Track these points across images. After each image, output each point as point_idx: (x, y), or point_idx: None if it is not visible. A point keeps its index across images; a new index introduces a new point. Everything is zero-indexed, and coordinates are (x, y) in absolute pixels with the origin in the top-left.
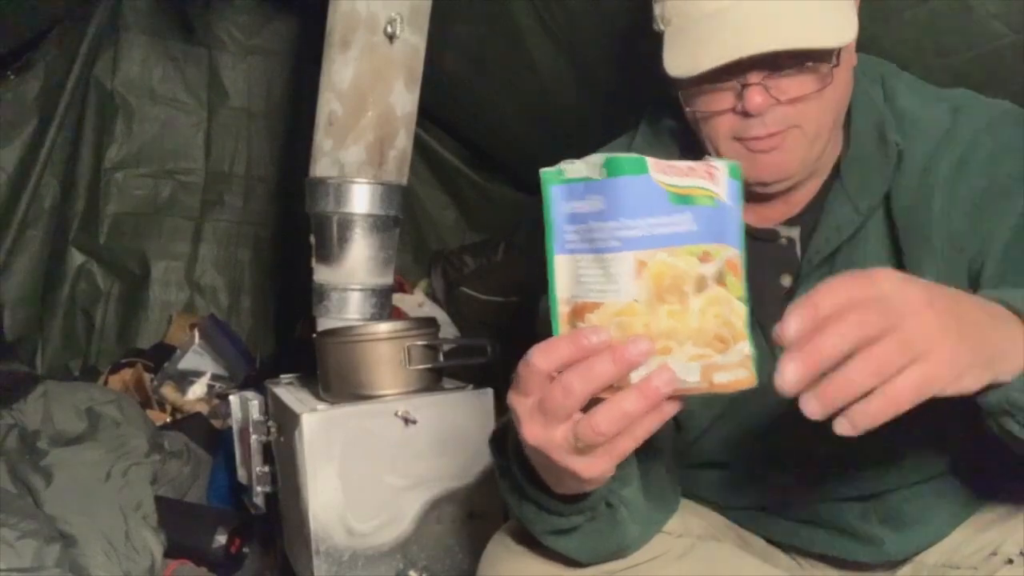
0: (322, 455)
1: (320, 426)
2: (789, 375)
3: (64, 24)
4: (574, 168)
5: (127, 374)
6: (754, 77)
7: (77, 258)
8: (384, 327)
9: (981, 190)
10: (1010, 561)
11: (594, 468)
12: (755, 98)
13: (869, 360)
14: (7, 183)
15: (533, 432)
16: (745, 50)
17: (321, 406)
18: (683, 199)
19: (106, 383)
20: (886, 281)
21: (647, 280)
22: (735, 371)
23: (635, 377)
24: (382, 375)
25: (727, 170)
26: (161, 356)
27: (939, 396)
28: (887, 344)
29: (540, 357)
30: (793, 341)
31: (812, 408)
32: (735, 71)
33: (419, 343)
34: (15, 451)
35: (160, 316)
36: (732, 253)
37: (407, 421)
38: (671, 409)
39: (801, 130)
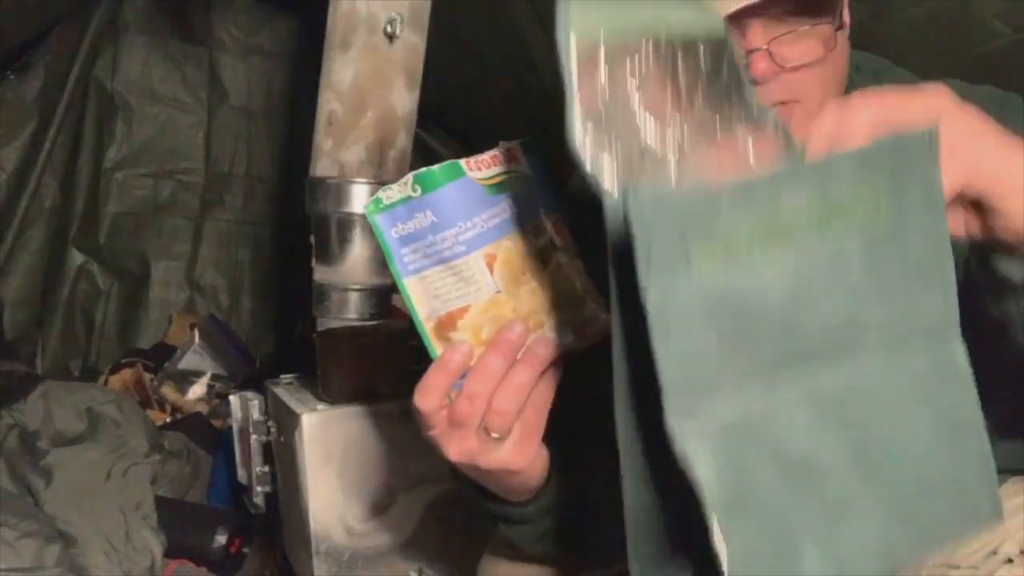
0: (322, 455)
1: (320, 426)
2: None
3: (64, 24)
4: (389, 193)
5: (127, 374)
6: (757, 38)
7: (77, 258)
8: (384, 327)
9: None
10: (1010, 560)
11: (521, 454)
12: (759, 64)
13: None
14: (7, 183)
15: (455, 450)
16: None
17: (321, 406)
18: (497, 188)
19: (106, 383)
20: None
21: (501, 270)
22: (598, 319)
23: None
24: (382, 375)
25: (521, 147)
26: (161, 356)
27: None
28: None
29: (423, 401)
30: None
31: None
32: (739, 33)
33: (419, 343)
34: (15, 451)
35: (160, 316)
36: (554, 217)
37: (407, 419)
38: (558, 372)
39: (804, 107)
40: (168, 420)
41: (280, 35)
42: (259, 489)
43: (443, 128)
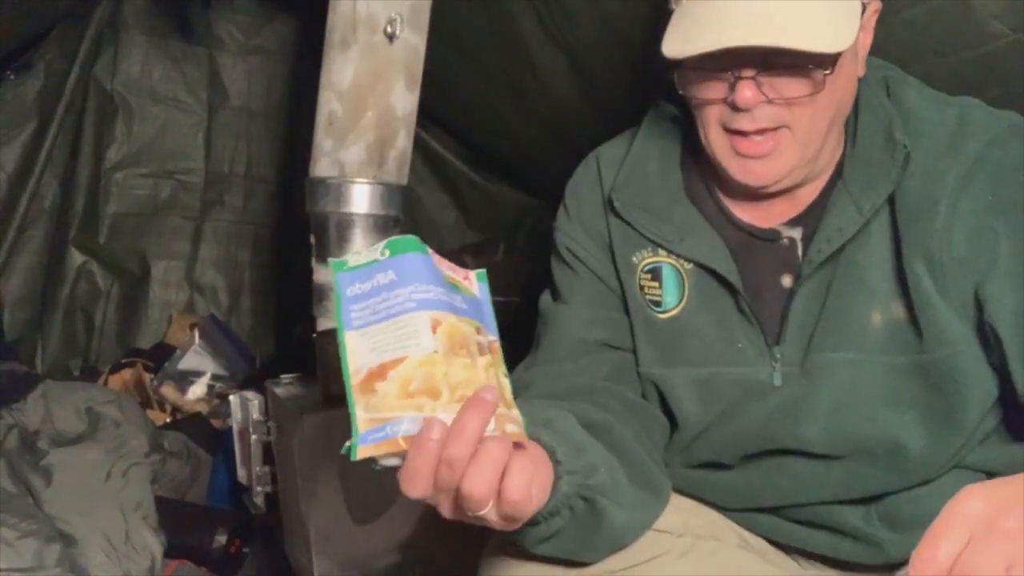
0: (322, 455)
1: (320, 426)
2: None
3: (64, 24)
4: (358, 257)
5: (127, 374)
6: (747, 71)
7: (77, 258)
8: None
9: (985, 206)
10: None
11: (507, 524)
12: (744, 92)
13: None
14: (7, 183)
15: (446, 510)
16: (733, 41)
17: (321, 406)
18: (453, 285)
19: (106, 383)
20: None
21: (442, 336)
22: (517, 427)
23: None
24: None
25: (476, 276)
26: (161, 356)
27: None
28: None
29: (413, 490)
30: None
31: None
32: (730, 63)
33: None
34: (15, 451)
35: (160, 316)
36: (494, 339)
37: None
38: (528, 462)
39: (791, 132)
40: (168, 420)
41: (280, 35)
42: (259, 489)
43: (443, 128)
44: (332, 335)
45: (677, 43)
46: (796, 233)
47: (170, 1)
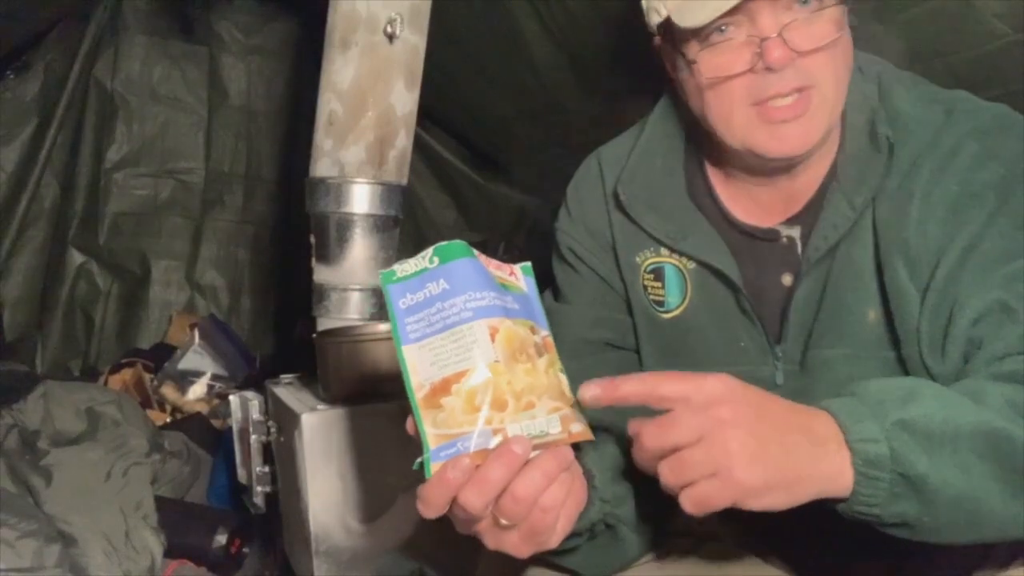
0: (322, 455)
1: (320, 426)
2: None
3: (64, 24)
4: (405, 267)
5: (127, 374)
6: (768, 25)
7: (77, 258)
8: (384, 327)
9: (955, 195)
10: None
11: (528, 547)
12: (774, 51)
13: (675, 462)
14: (7, 183)
15: (461, 529)
16: None
17: (321, 406)
18: (503, 285)
19: (106, 383)
20: (720, 386)
21: (501, 343)
22: (582, 424)
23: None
24: (382, 375)
25: (522, 270)
26: (161, 356)
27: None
28: (694, 451)
29: (426, 512)
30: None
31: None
32: (748, 33)
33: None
34: (15, 451)
35: (160, 316)
36: (547, 334)
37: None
38: (570, 477)
39: (819, 91)
40: (168, 420)
41: (280, 35)
42: (259, 489)
43: (443, 128)
44: (332, 335)
45: (698, 11)
46: (795, 232)
47: (170, 1)
